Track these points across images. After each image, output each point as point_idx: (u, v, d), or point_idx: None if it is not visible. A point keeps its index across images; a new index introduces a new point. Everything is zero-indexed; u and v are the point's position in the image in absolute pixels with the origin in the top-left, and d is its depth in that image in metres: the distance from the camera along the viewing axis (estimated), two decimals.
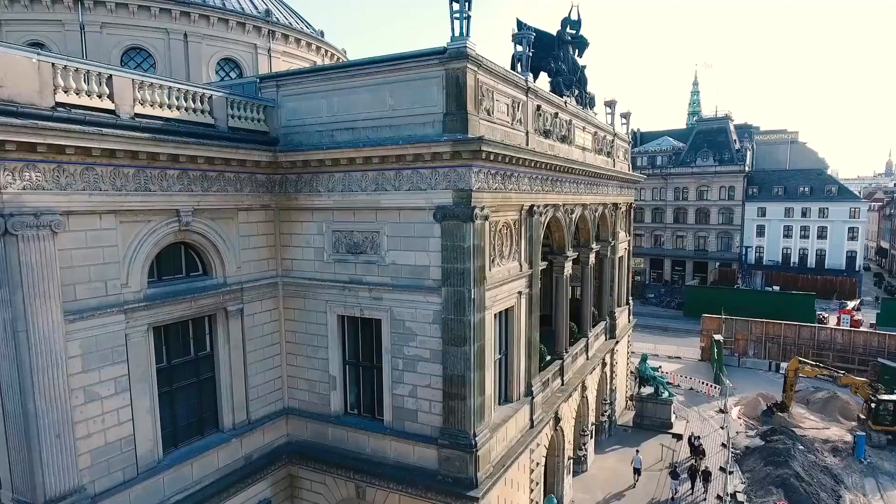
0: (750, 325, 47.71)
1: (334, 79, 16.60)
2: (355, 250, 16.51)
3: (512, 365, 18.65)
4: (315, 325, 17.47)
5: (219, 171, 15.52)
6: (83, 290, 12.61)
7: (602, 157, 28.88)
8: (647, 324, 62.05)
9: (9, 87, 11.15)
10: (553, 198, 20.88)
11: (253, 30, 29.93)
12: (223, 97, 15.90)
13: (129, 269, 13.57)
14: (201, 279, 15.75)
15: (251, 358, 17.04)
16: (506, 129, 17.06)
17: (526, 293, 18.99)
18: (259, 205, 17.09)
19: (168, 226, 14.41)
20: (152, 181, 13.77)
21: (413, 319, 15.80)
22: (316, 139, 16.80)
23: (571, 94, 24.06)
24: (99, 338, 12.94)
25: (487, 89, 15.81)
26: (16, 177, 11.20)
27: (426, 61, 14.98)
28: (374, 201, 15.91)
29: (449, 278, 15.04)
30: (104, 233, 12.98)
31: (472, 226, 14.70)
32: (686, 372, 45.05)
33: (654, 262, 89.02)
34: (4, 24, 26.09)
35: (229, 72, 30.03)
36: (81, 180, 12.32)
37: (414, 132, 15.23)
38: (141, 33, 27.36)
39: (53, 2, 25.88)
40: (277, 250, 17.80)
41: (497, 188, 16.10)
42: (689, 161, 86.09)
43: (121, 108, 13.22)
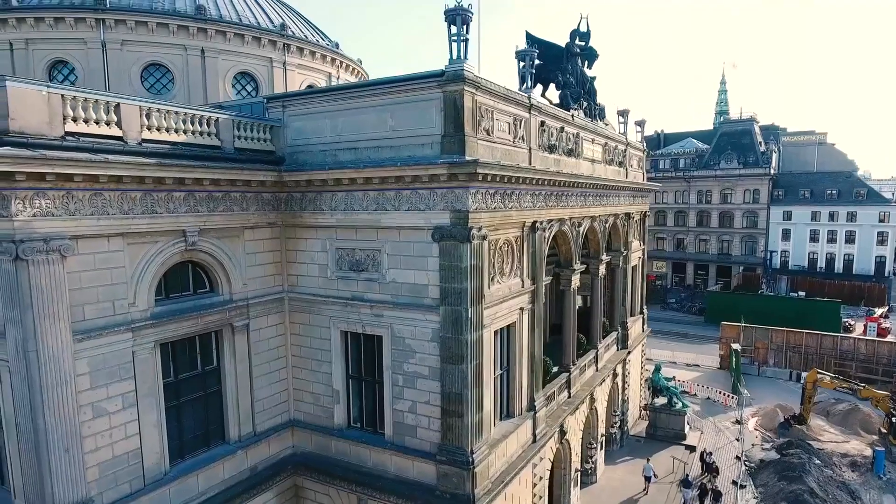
0: (770, 333, 46.92)
1: (337, 100, 16.96)
2: (357, 268, 16.85)
3: (514, 380, 18.80)
4: (319, 339, 17.86)
5: (224, 192, 15.98)
6: (91, 311, 13.14)
7: (613, 167, 28.78)
8: (667, 330, 61.43)
9: (19, 119, 11.71)
10: (558, 212, 20.95)
11: (268, 44, 30.54)
12: (229, 119, 16.37)
13: (137, 289, 14.09)
14: (208, 296, 16.25)
15: (257, 371, 17.50)
16: (507, 148, 17.22)
17: (528, 309, 19.11)
18: (265, 222, 17.53)
19: (175, 246, 14.90)
20: (159, 204, 14.27)
21: (412, 337, 16.07)
22: (320, 158, 17.18)
23: (579, 106, 24.07)
24: (106, 356, 13.47)
25: (487, 109, 15.99)
26: (26, 204, 11.75)
27: (425, 84, 15.24)
28: (375, 220, 16.22)
29: (447, 297, 15.27)
30: (112, 255, 13.51)
31: (469, 246, 14.90)
32: (704, 381, 44.51)
33: (676, 265, 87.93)
34: (31, 42, 27.09)
35: (245, 85, 30.74)
36: (90, 205, 12.85)
37: (414, 153, 15.49)
38: (160, 50, 28.14)
39: (77, 21, 26.78)
40: (283, 266, 18.23)
41: (496, 207, 16.26)
42: (713, 164, 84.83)
43: (128, 134, 13.74)
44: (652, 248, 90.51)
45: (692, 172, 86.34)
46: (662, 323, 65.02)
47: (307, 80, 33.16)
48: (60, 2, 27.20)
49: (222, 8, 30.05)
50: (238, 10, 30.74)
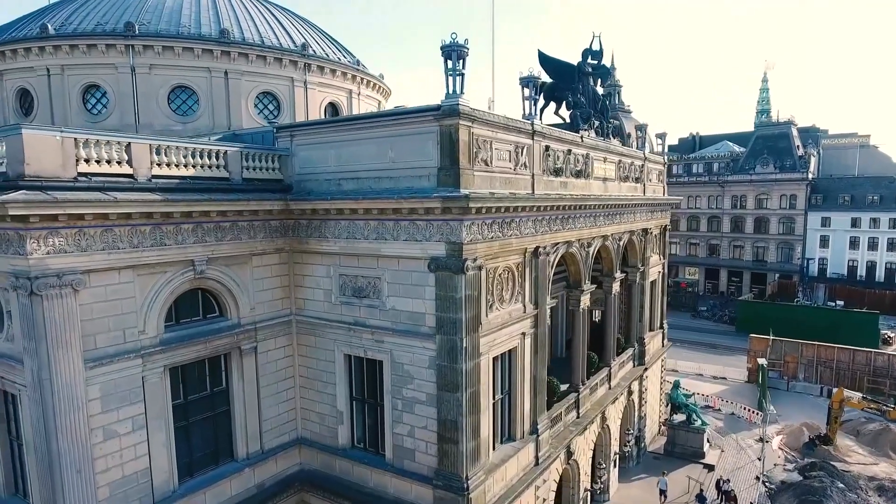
0: (800, 347, 45.71)
1: (341, 131, 17.49)
2: (359, 294, 17.34)
3: (515, 404, 19.01)
4: (324, 361, 18.42)
5: (232, 222, 16.66)
6: (102, 339, 13.95)
7: (629, 184, 28.62)
8: (695, 340, 60.37)
9: (34, 163, 12.56)
10: (564, 235, 21.04)
11: (289, 64, 31.36)
12: (237, 152, 17.06)
13: (147, 317, 14.87)
14: (216, 321, 16.97)
15: (264, 392, 18.17)
16: (507, 176, 17.45)
17: (531, 333, 19.28)
18: (273, 248, 18.17)
19: (183, 275, 15.65)
20: (167, 236, 15.01)
21: (411, 363, 16.47)
22: (325, 187, 17.74)
23: (590, 126, 24.06)
24: (117, 381, 14.27)
25: (484, 140, 16.26)
26: (41, 243, 12.57)
27: (422, 117, 15.61)
28: (375, 249, 16.68)
29: (442, 326, 15.61)
30: (122, 286, 14.29)
31: (464, 277, 15.20)
32: (729, 395, 43.69)
33: (709, 272, 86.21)
34: (66, 68, 28.51)
35: (268, 104, 31.67)
36: (101, 241, 13.64)
37: (412, 185, 15.88)
38: (185, 73, 29.23)
39: (108, 47, 28.05)
40: (291, 289, 18.86)
41: (494, 237, 16.51)
42: (748, 168, 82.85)
43: (139, 171, 14.52)
44: (684, 253, 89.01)
45: (726, 177, 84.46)
46: (691, 332, 63.91)
47: (328, 98, 33.93)
48: (93, 29, 28.54)
49: (245, 30, 31.01)
50: (261, 31, 31.67)
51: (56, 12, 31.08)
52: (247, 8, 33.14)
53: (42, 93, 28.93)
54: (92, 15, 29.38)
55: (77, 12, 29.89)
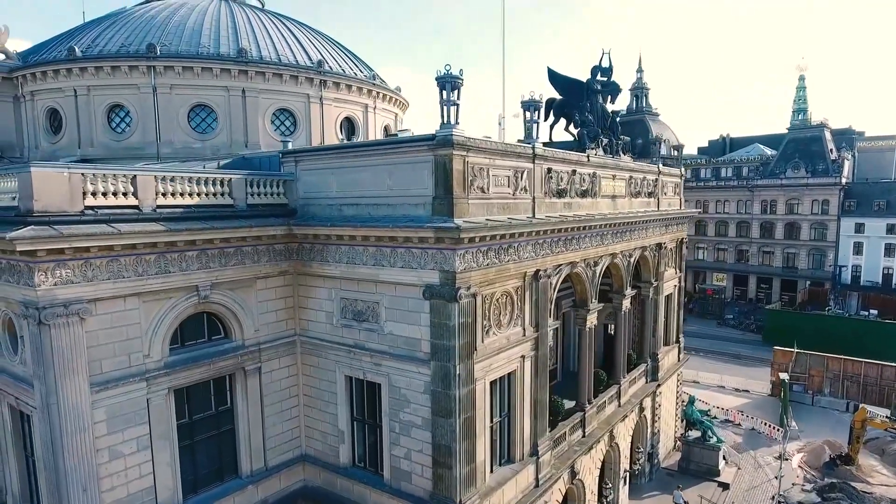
0: (826, 360, 44.54)
1: (342, 157, 17.89)
2: (359, 318, 17.70)
3: (514, 427, 19.13)
4: (326, 382, 18.85)
5: (236, 247, 17.19)
6: (108, 364, 14.59)
7: (641, 199, 28.40)
8: (719, 349, 59.35)
9: (43, 199, 13.22)
10: (567, 256, 21.04)
11: (305, 81, 32.00)
12: (241, 179, 17.59)
13: (151, 342, 15.48)
14: (220, 343, 17.53)
15: (268, 411, 18.69)
16: (505, 202, 17.58)
17: (531, 356, 19.37)
18: (277, 272, 18.66)
19: (188, 300, 16.23)
20: (172, 264, 15.60)
21: (407, 388, 16.75)
22: (328, 212, 18.16)
23: (598, 144, 23.99)
24: (122, 404, 14.90)
25: (480, 168, 16.42)
26: (48, 275, 13.24)
27: (418, 146, 15.88)
28: (373, 275, 17.01)
29: (437, 353, 15.85)
30: (128, 313, 14.92)
31: (457, 305, 15.41)
32: (751, 409, 42.86)
33: (737, 278, 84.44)
34: (92, 89, 29.63)
35: (284, 121, 32.36)
36: (107, 271, 14.27)
37: (408, 212, 16.17)
38: (204, 92, 30.08)
39: (131, 68, 29.07)
40: (296, 310, 19.33)
41: (490, 263, 16.67)
42: (779, 172, 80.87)
43: (144, 202, 15.13)
44: (712, 259, 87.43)
45: (756, 181, 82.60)
46: (715, 342, 62.86)
47: (344, 113, 34.49)
48: (118, 51, 29.61)
49: (263, 48, 31.75)
50: (278, 48, 32.37)
51: (84, 34, 32.29)
52: (265, 25, 33.89)
53: (70, 112, 30.12)
54: (117, 37, 30.45)
55: (103, 34, 31.01)
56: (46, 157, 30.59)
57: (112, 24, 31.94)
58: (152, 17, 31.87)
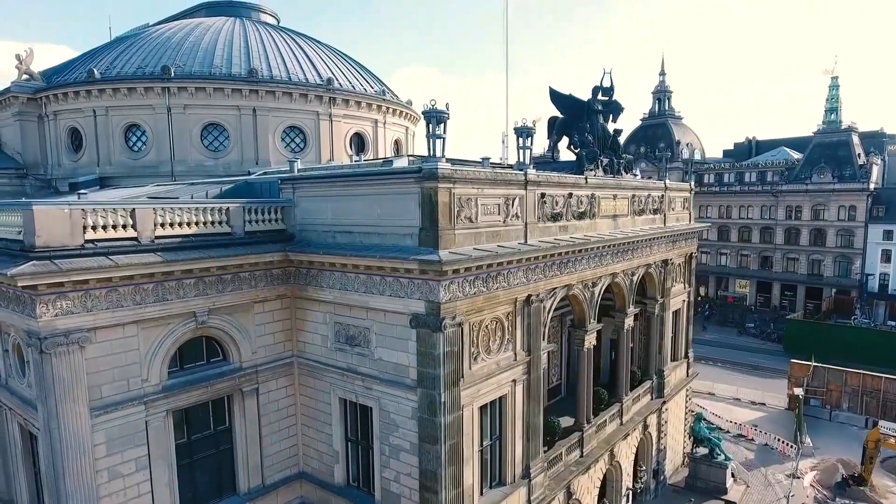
0: (844, 375, 43.57)
1: (335, 186, 18.38)
2: (351, 342, 18.17)
3: (506, 449, 19.35)
4: (322, 403, 19.37)
5: (233, 273, 17.78)
6: (108, 389, 15.30)
7: (645, 216, 28.31)
8: (737, 360, 58.49)
9: (44, 235, 13.95)
10: (562, 279, 21.18)
11: (315, 99, 32.72)
12: (239, 207, 18.18)
13: (150, 367, 16.16)
14: (219, 365, 18.16)
15: (266, 430, 19.27)
16: (495, 229, 17.84)
17: (523, 380, 19.57)
18: (274, 295, 19.22)
19: (185, 325, 16.88)
20: (169, 292, 16.25)
21: (396, 413, 17.15)
22: (322, 238, 18.67)
23: (597, 165, 24.03)
24: (122, 426, 15.60)
25: (468, 199, 16.71)
26: (49, 307, 13.96)
27: (405, 178, 16.28)
28: (364, 301, 17.44)
29: (423, 380, 16.21)
30: (127, 339, 15.60)
31: (442, 335, 15.74)
32: (766, 423, 42.20)
33: (761, 285, 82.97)
34: (110, 110, 30.78)
35: (294, 137, 33.11)
36: (106, 301, 14.97)
37: (396, 242, 16.56)
38: (216, 111, 31.02)
39: (146, 90, 30.15)
40: (293, 333, 19.88)
41: (477, 292, 16.93)
42: (804, 177, 79.16)
43: (143, 234, 15.79)
44: (735, 265, 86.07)
45: (780, 186, 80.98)
46: (734, 351, 61.93)
47: (354, 129, 35.13)
48: (134, 73, 30.71)
49: (274, 67, 32.53)
50: (289, 67, 33.12)
51: (104, 55, 33.50)
52: (276, 43, 34.66)
53: (89, 132, 31.30)
54: (134, 59, 31.53)
55: (121, 56, 32.15)
56: (67, 175, 31.88)
57: (130, 45, 33.06)
58: (168, 39, 32.92)
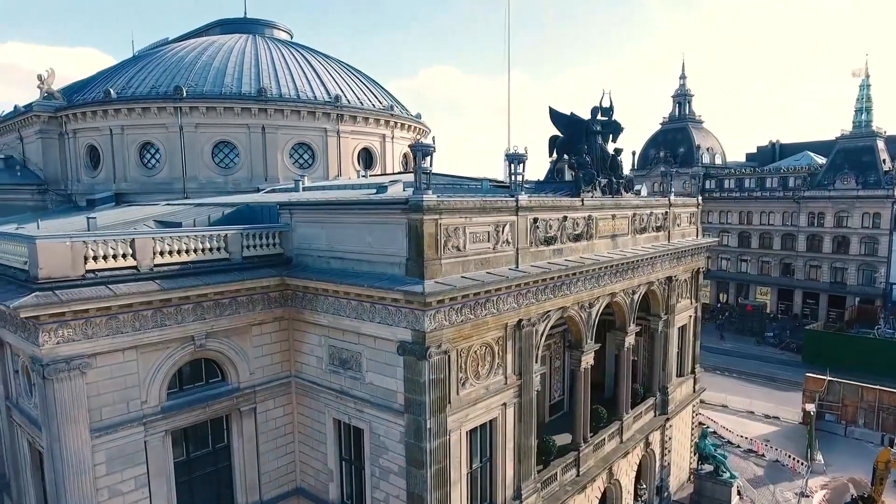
0: (860, 390, 42.73)
1: (329, 213, 18.92)
2: (344, 366, 18.67)
3: (496, 471, 19.64)
4: (318, 422, 19.92)
5: (231, 298, 18.40)
6: (108, 411, 16.03)
7: (648, 234, 28.31)
8: (753, 371, 57.70)
9: (47, 267, 14.72)
10: (556, 302, 21.35)
11: (322, 116, 33.39)
12: (237, 234, 18.82)
13: (149, 389, 16.87)
14: (217, 385, 18.82)
15: (263, 448, 19.89)
16: (484, 257, 18.17)
17: (514, 403, 19.84)
18: (272, 318, 19.82)
19: (184, 349, 17.56)
20: (168, 317, 16.93)
21: (386, 436, 17.60)
22: (318, 263, 19.22)
23: (595, 186, 24.12)
24: (121, 446, 16.33)
25: (455, 228, 17.06)
26: (51, 335, 14.72)
27: (393, 209, 16.71)
28: (356, 327, 17.92)
29: (410, 406, 16.62)
30: (126, 364, 16.33)
31: (427, 363, 16.12)
32: (778, 438, 41.68)
33: (782, 293, 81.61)
34: (126, 129, 31.88)
35: (302, 154, 33.84)
36: (106, 328, 15.69)
37: (385, 271, 17.01)
38: (227, 129, 31.92)
39: (159, 109, 31.14)
40: (291, 353, 20.47)
41: (464, 320, 17.26)
42: (827, 183, 77.58)
43: (142, 263, 16.51)
44: (756, 272, 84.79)
45: (802, 192, 79.51)
46: (751, 362, 61.10)
47: (361, 144, 35.74)
48: (148, 93, 31.74)
49: (283, 85, 33.30)
50: (297, 85, 33.85)
51: (121, 74, 34.64)
52: (286, 61, 35.43)
53: (106, 149, 32.44)
54: (148, 79, 32.59)
55: (137, 76, 33.24)
56: (86, 191, 33.05)
57: (146, 65, 34.15)
58: (181, 59, 33.90)
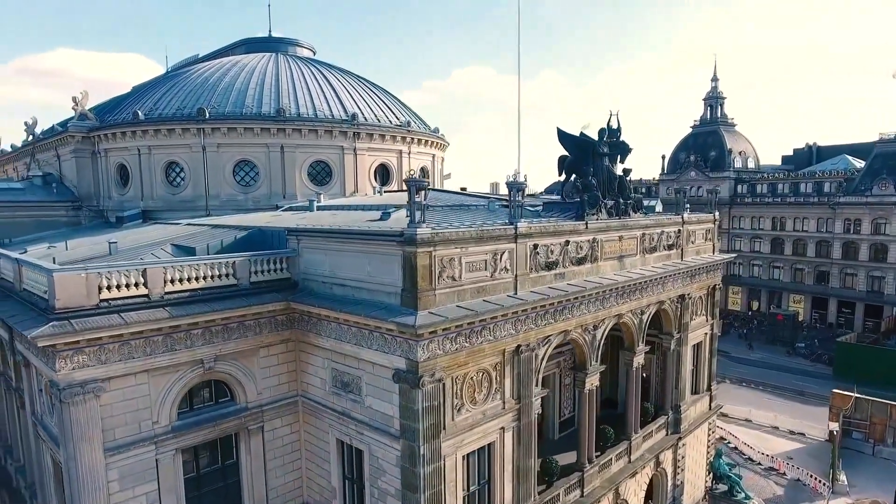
0: (889, 408, 41.50)
1: (331, 241, 19.58)
2: (346, 388, 19.33)
3: (494, 493, 20.00)
4: (322, 441, 20.64)
5: (239, 322, 19.26)
6: (120, 432, 17.03)
7: (658, 253, 28.22)
8: (782, 383, 56.45)
9: (63, 298, 15.74)
10: (557, 326, 21.58)
11: (339, 134, 34.28)
12: (245, 260, 19.65)
13: (160, 410, 17.82)
14: (226, 405, 19.70)
15: (271, 465, 20.71)
16: (481, 285, 18.58)
17: (513, 426, 20.17)
18: (279, 340, 20.62)
19: (193, 371, 18.47)
20: (178, 342, 17.86)
21: (384, 459, 18.18)
22: (321, 289, 19.93)
23: (599, 209, 24.18)
24: (133, 464, 17.31)
25: (451, 259, 17.53)
26: (67, 362, 15.76)
27: (389, 241, 17.25)
28: (356, 352, 18.55)
29: (405, 432, 17.16)
30: (138, 387, 17.30)
31: (420, 392, 16.62)
32: (802, 456, 40.84)
33: (816, 301, 79.51)
34: (153, 149, 33.32)
35: (320, 171, 34.73)
36: (118, 353, 16.68)
37: (382, 300, 17.59)
38: (247, 149, 33.08)
39: (184, 130, 32.45)
40: (298, 374, 21.24)
41: (459, 348, 17.69)
42: (864, 189, 75.25)
43: (153, 291, 17.45)
44: (789, 279, 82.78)
45: (838, 198, 77.26)
46: (780, 374, 59.78)
47: (378, 161, 36.49)
48: (173, 114, 33.11)
49: (302, 105, 34.31)
50: (315, 104, 34.81)
51: (149, 95, 36.22)
52: (306, 80, 36.44)
53: (135, 168, 33.95)
54: (174, 101, 33.99)
55: (163, 98, 34.70)
56: (116, 208, 34.65)
57: (172, 86, 35.58)
58: (206, 80, 35.23)
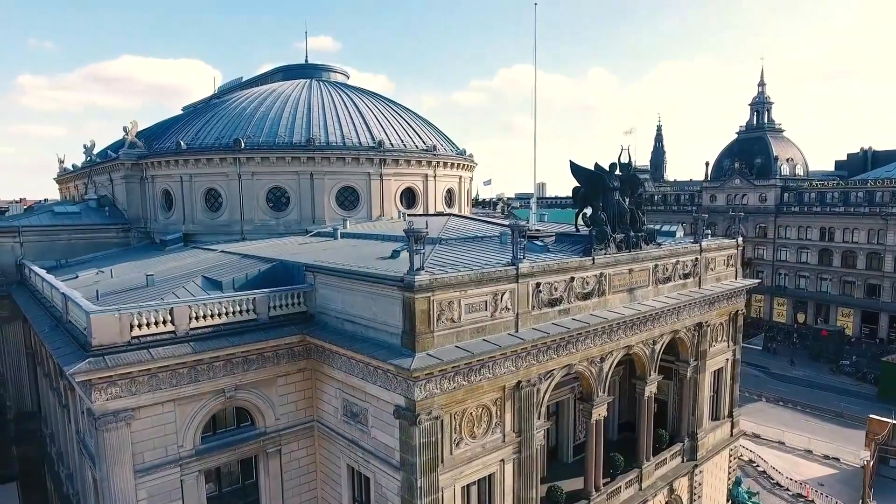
0: None
1: (342, 279, 20.92)
2: (354, 418, 20.65)
3: None
4: (335, 465, 22.04)
5: (258, 354, 20.86)
6: (149, 455, 18.83)
7: (673, 283, 28.42)
8: (821, 404, 54.83)
9: (99, 336, 17.62)
10: (560, 361, 22.28)
11: (366, 161, 35.83)
12: (265, 297, 21.23)
13: (185, 435, 19.57)
14: (246, 430, 21.34)
15: (287, 486, 22.27)
16: (482, 325, 19.54)
17: (513, 459, 21.00)
18: (296, 369, 22.13)
19: (216, 399, 20.16)
20: (201, 374, 19.57)
21: (387, 487, 19.38)
22: (334, 324, 21.31)
23: (607, 244, 24.62)
24: (161, 485, 19.10)
25: (450, 302, 18.56)
26: (102, 393, 17.62)
27: (390, 284, 18.43)
28: (363, 386, 19.84)
29: (404, 465, 18.32)
30: (165, 415, 19.08)
31: (418, 429, 17.74)
32: (835, 483, 39.93)
33: (866, 315, 76.59)
34: (194, 177, 35.59)
35: (348, 196, 36.36)
36: (148, 385, 18.48)
37: (386, 339, 18.79)
38: (279, 177, 35.00)
39: (221, 160, 34.66)
40: (314, 400, 22.72)
41: (456, 387, 18.70)
42: None
43: (179, 327, 19.20)
44: (837, 292, 79.89)
45: (890, 208, 74.11)
46: (821, 393, 58.06)
47: (404, 185, 37.88)
48: (212, 144, 35.40)
49: (331, 134, 36.05)
50: (344, 131, 36.48)
51: (192, 124, 38.68)
52: (336, 107, 38.19)
53: (177, 194, 36.40)
54: (213, 131, 36.29)
55: (204, 127, 37.06)
56: (161, 230, 37.19)
57: (213, 116, 37.96)
58: (243, 109, 37.46)
